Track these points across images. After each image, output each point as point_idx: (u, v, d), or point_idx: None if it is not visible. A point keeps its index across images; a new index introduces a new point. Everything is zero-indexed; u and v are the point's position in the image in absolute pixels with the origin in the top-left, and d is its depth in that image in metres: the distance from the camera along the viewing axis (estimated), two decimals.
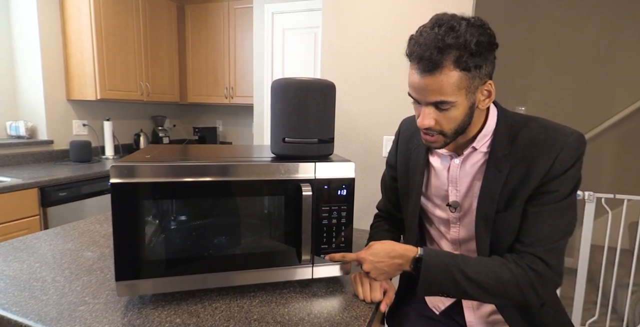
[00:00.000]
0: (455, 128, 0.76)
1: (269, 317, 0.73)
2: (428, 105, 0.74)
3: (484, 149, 0.81)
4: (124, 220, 0.72)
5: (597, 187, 2.78)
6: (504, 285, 0.74)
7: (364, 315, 0.75)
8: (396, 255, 0.79)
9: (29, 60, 2.44)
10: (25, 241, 1.08)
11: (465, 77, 0.69)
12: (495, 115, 0.82)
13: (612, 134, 2.77)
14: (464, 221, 0.86)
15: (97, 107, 2.84)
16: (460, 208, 0.86)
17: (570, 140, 0.74)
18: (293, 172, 0.81)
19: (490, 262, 0.77)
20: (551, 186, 0.74)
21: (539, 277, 0.74)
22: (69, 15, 2.50)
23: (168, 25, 3.08)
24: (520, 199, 0.77)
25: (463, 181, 0.84)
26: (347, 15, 1.73)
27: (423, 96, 0.73)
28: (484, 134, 0.80)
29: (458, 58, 0.67)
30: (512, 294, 0.75)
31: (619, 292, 2.13)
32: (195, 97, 3.33)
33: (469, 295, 0.76)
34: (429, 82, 0.70)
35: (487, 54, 0.70)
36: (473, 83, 0.71)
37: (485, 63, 0.70)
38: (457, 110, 0.73)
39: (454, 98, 0.71)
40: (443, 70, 0.68)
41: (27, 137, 2.44)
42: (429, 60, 0.68)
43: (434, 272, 0.76)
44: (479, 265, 0.76)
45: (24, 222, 1.89)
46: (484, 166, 0.80)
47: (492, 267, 0.75)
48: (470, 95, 0.72)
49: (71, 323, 0.68)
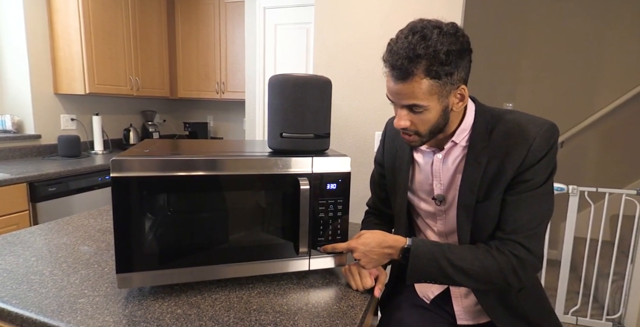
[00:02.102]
0: (429, 129, 0.80)
1: (268, 307, 0.75)
2: (403, 107, 0.79)
3: (464, 143, 0.85)
4: (124, 213, 0.73)
5: (581, 181, 2.87)
6: (487, 270, 0.78)
7: (360, 304, 0.78)
8: (386, 245, 0.83)
9: (15, 53, 2.39)
10: (19, 236, 1.08)
11: (436, 84, 0.73)
12: (473, 110, 0.85)
13: (596, 129, 2.85)
14: (449, 213, 0.90)
15: (86, 101, 2.80)
16: (445, 201, 0.89)
17: (543, 131, 0.77)
18: (291, 166, 0.83)
19: (474, 249, 0.81)
20: (527, 174, 0.78)
21: (520, 262, 0.78)
22: (56, 8, 2.45)
23: (158, 19, 3.04)
24: (499, 189, 0.80)
25: (446, 175, 0.88)
26: (340, 12, 1.74)
27: (398, 100, 0.78)
28: (463, 128, 0.84)
29: (428, 67, 0.71)
30: (495, 278, 0.79)
31: (600, 282, 2.22)
32: (186, 92, 3.30)
33: (455, 281, 0.80)
34: (402, 88, 0.75)
35: (458, 61, 0.73)
36: (444, 89, 0.74)
37: (457, 70, 0.73)
38: (430, 114, 0.77)
39: (426, 102, 0.75)
40: (414, 79, 0.72)
41: (13, 132, 2.39)
42: (400, 70, 0.72)
43: (422, 260, 0.80)
44: (464, 252, 0.80)
45: (13, 218, 1.87)
46: (464, 159, 0.84)
47: (477, 254, 0.79)
48: (442, 100, 0.76)
49: (72, 315, 0.69)
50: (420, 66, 0.71)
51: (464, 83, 0.78)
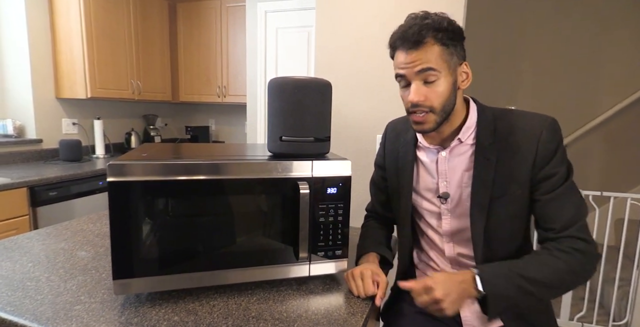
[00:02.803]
0: (443, 103, 0.80)
1: (267, 314, 0.74)
2: (416, 79, 0.80)
3: (470, 141, 0.86)
4: (121, 219, 0.72)
5: (585, 184, 2.84)
6: (560, 274, 0.76)
7: (361, 311, 0.76)
8: (458, 280, 0.76)
9: (16, 58, 2.40)
10: (16, 241, 1.07)
11: (446, 51, 0.79)
12: (476, 109, 0.88)
13: (599, 132, 2.83)
14: (455, 212, 0.89)
15: (88, 105, 2.81)
16: (450, 199, 0.89)
17: (548, 124, 0.80)
18: (290, 170, 0.81)
19: (537, 257, 0.79)
20: (548, 169, 0.79)
21: (584, 255, 0.77)
22: (58, 12, 2.46)
23: (160, 23, 3.05)
24: (516, 185, 0.81)
25: (452, 173, 0.88)
26: (341, 14, 1.73)
27: (412, 68, 0.79)
28: (468, 126, 0.86)
29: (436, 35, 0.77)
30: (569, 280, 0.77)
31: (606, 288, 2.19)
32: (187, 95, 3.31)
33: (536, 298, 0.76)
34: (415, 56, 0.78)
35: (459, 37, 0.80)
36: (452, 59, 0.80)
37: (460, 43, 0.81)
38: (443, 85, 0.79)
39: (439, 67, 0.78)
40: (426, 45, 0.78)
41: (15, 136, 2.40)
42: (412, 38, 0.78)
43: (498, 285, 0.75)
44: (528, 264, 0.77)
45: (13, 222, 1.86)
46: (472, 156, 0.85)
47: (542, 261, 0.77)
48: (452, 72, 0.80)
49: (67, 322, 0.68)
50: (430, 34, 0.77)
51: (465, 60, 0.83)
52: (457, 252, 0.92)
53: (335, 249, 0.87)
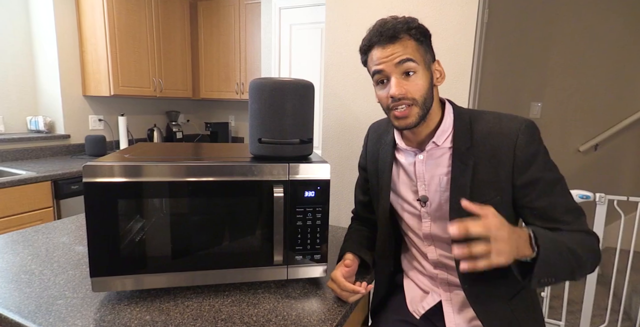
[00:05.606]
0: (424, 96, 0.79)
1: (237, 318, 0.74)
2: (395, 73, 0.79)
3: (447, 145, 0.83)
4: (97, 218, 0.74)
5: (615, 189, 2.65)
6: (588, 251, 0.74)
7: (332, 319, 0.75)
8: (518, 234, 0.67)
9: (47, 58, 2.54)
10: (24, 234, 1.14)
11: (421, 47, 0.80)
12: (452, 112, 0.86)
13: (632, 132, 2.62)
14: (434, 215, 0.87)
15: (112, 102, 2.93)
16: (429, 203, 0.87)
17: (523, 127, 0.78)
18: (266, 173, 0.81)
19: (568, 234, 0.75)
20: (531, 174, 0.76)
21: (596, 237, 0.78)
22: (84, 13, 2.57)
23: (181, 21, 3.12)
24: (495, 191, 0.78)
25: (429, 176, 0.86)
26: (351, 10, 1.70)
27: (390, 60, 0.79)
28: (443, 129, 0.83)
29: (409, 30, 0.79)
30: (592, 260, 0.75)
31: (634, 298, 2.04)
32: (208, 92, 3.37)
33: (569, 271, 0.72)
34: (393, 49, 0.79)
35: (429, 37, 0.82)
36: (426, 56, 0.81)
37: (430, 43, 0.83)
38: (422, 78, 0.79)
39: (417, 59, 0.79)
40: (402, 39, 0.79)
41: (45, 132, 2.54)
42: (389, 32, 0.79)
43: (549, 248, 0.68)
44: (565, 237, 0.74)
45: (38, 214, 1.98)
46: (449, 160, 0.83)
47: (574, 237, 0.75)
48: (427, 67, 0.81)
49: (46, 317, 0.71)
50: (404, 29, 0.79)
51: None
52: (439, 254, 0.90)
53: (314, 253, 0.86)
